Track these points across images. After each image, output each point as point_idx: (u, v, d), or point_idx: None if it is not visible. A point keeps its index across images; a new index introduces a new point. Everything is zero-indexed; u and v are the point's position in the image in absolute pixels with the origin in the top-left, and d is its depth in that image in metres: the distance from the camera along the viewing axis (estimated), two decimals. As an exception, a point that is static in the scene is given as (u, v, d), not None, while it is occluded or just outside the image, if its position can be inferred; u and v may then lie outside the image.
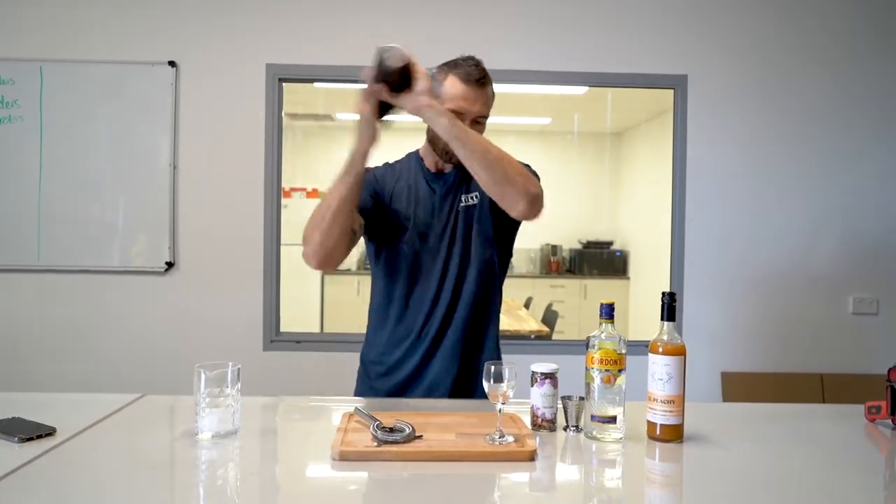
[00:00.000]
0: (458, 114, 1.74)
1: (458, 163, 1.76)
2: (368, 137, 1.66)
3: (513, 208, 1.66)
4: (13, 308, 3.61)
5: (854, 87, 3.72)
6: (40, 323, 3.61)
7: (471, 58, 1.82)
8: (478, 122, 1.79)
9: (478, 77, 1.78)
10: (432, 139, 1.83)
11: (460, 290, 1.84)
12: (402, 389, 1.86)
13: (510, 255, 1.99)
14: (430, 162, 1.91)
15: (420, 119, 1.66)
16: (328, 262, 1.74)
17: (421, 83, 1.61)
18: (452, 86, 1.77)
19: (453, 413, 1.61)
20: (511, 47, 3.67)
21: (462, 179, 1.87)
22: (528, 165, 1.84)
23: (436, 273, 1.84)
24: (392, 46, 1.59)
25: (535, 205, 1.67)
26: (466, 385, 1.85)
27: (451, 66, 1.80)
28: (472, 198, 1.87)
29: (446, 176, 1.89)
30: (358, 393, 1.95)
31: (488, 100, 1.82)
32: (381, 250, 1.90)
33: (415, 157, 1.96)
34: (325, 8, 3.64)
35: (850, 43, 3.72)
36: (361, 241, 1.90)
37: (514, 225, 1.90)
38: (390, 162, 1.97)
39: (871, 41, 3.72)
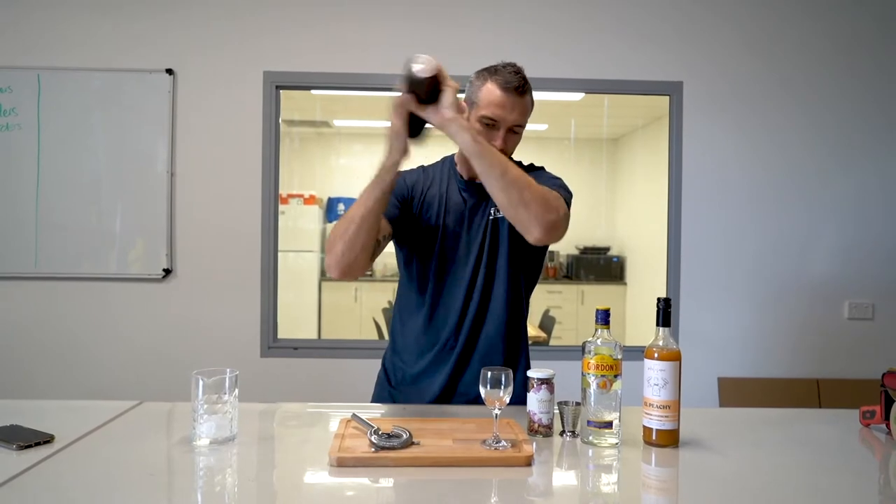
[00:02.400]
0: (494, 120, 1.72)
1: None
2: (398, 151, 1.62)
3: (527, 233, 1.61)
4: (11, 315, 3.61)
5: (849, 94, 3.74)
6: (38, 330, 3.61)
7: (511, 64, 1.78)
8: (513, 132, 1.76)
9: (516, 85, 1.74)
10: None
11: (488, 303, 1.82)
12: (435, 402, 1.84)
13: (540, 269, 1.97)
14: (463, 169, 1.87)
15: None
16: (350, 272, 1.70)
17: (448, 96, 1.57)
18: (490, 92, 1.73)
19: (450, 419, 1.61)
20: (507, 54, 3.65)
21: None
22: (560, 184, 1.83)
23: (463, 284, 1.82)
24: (421, 56, 1.55)
25: (551, 232, 1.62)
26: None
27: (490, 71, 1.77)
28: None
29: (479, 185, 1.81)
30: (376, 399, 1.94)
31: (526, 109, 1.77)
32: (411, 257, 1.88)
33: (450, 162, 1.92)
34: (322, 16, 3.65)
35: (846, 49, 3.74)
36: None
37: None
38: (425, 165, 1.93)
39: (867, 47, 3.74)
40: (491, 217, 1.83)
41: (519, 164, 1.91)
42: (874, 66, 3.74)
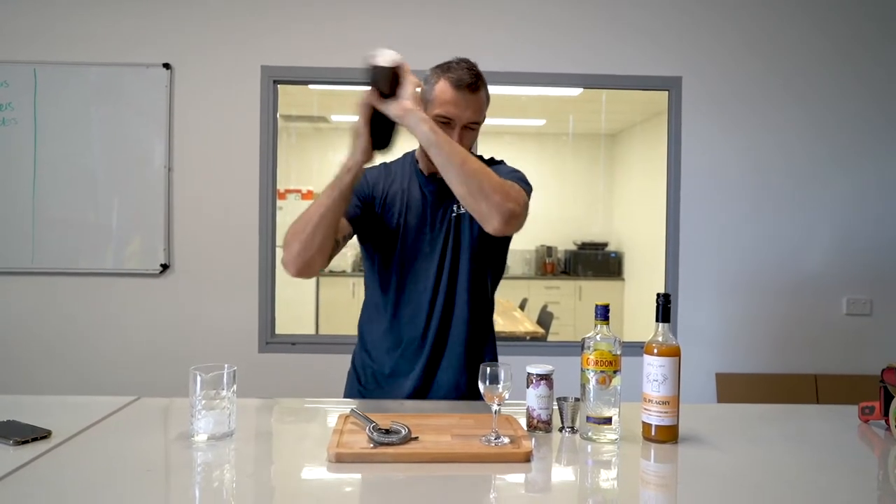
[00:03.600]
0: (448, 119, 1.70)
1: None
2: (360, 151, 1.63)
3: (487, 223, 1.59)
4: (8, 310, 3.60)
5: (848, 89, 3.74)
6: (35, 325, 3.60)
7: (465, 61, 1.75)
8: (469, 129, 1.74)
9: (469, 82, 1.71)
10: None
11: (454, 299, 1.82)
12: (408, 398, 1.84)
13: (503, 265, 1.96)
14: (424, 164, 1.86)
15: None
16: (306, 271, 1.69)
17: (408, 88, 1.58)
18: (443, 91, 1.71)
19: (449, 415, 1.61)
20: (506, 49, 3.67)
21: None
22: (520, 176, 1.80)
23: (428, 281, 1.81)
24: (381, 50, 1.56)
25: (510, 223, 1.58)
26: (474, 395, 1.82)
27: (443, 69, 1.74)
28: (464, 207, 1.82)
29: (441, 181, 1.82)
30: (348, 396, 1.94)
31: (481, 106, 1.75)
32: (374, 255, 1.87)
33: (411, 158, 1.92)
34: (320, 10, 3.64)
35: (844, 45, 3.74)
36: (354, 240, 1.88)
37: (505, 237, 1.86)
38: (387, 162, 1.92)
39: (866, 44, 3.74)
40: (454, 213, 1.82)
41: (479, 157, 1.88)
42: (873, 63, 3.74)
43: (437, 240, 1.82)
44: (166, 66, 3.60)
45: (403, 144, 1.92)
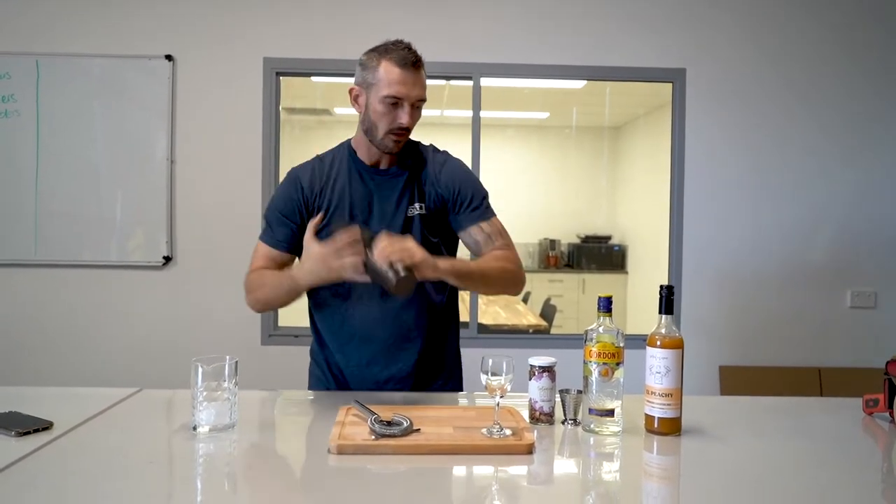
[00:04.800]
0: (398, 98, 1.69)
1: (395, 152, 1.76)
2: (320, 279, 1.62)
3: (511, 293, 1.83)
4: (10, 303, 3.60)
5: (852, 81, 3.72)
6: (37, 317, 3.61)
7: (400, 41, 1.74)
8: (416, 108, 1.73)
9: (413, 60, 1.70)
10: (369, 129, 1.75)
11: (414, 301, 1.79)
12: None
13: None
14: (364, 154, 1.82)
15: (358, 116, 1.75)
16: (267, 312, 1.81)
17: (397, 241, 1.54)
18: (388, 72, 1.69)
19: (451, 406, 1.61)
20: (509, 42, 3.66)
21: (407, 184, 1.81)
22: (486, 197, 1.84)
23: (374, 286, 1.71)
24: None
25: (520, 284, 1.81)
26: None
27: (381, 51, 1.72)
28: (423, 207, 1.80)
29: (392, 181, 1.81)
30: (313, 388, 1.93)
31: (425, 82, 1.74)
32: None
33: (347, 149, 1.86)
34: (323, 2, 3.63)
35: (850, 36, 3.72)
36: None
37: (456, 236, 1.87)
38: (320, 155, 1.88)
39: (870, 35, 3.72)
40: (410, 214, 1.80)
41: (419, 144, 1.88)
42: (878, 55, 3.72)
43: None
44: (169, 58, 3.59)
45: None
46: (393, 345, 1.82)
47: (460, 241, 1.89)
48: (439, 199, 1.82)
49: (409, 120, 1.71)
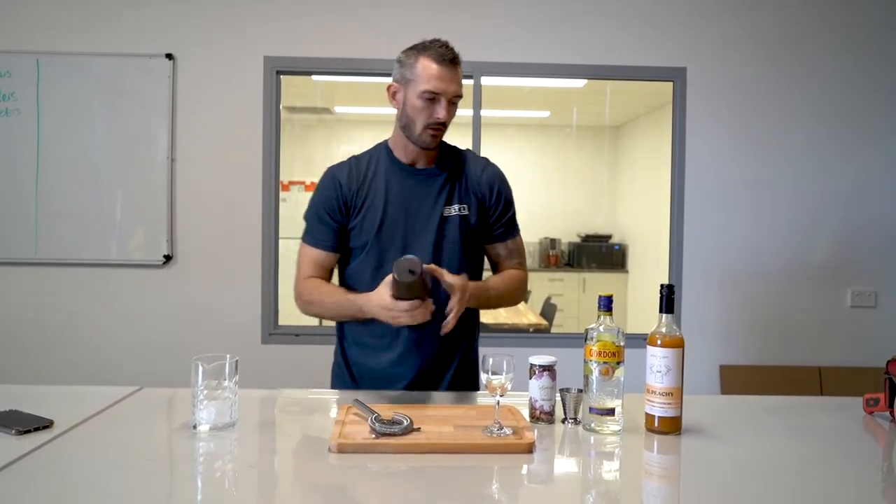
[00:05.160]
0: (435, 94, 1.72)
1: (432, 147, 1.79)
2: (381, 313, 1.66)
3: None
4: (11, 301, 3.60)
5: (853, 79, 3.72)
6: (38, 316, 3.61)
7: (438, 40, 1.77)
8: (452, 104, 1.76)
9: (451, 57, 1.74)
10: (406, 126, 1.78)
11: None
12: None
13: (482, 260, 1.96)
14: (401, 153, 1.85)
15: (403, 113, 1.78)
16: None
17: (447, 279, 1.66)
18: (426, 68, 1.73)
19: (451, 405, 1.61)
20: (509, 40, 3.65)
21: (446, 184, 1.83)
22: (510, 198, 1.92)
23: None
24: (403, 259, 1.57)
25: (524, 297, 2.05)
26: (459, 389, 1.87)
27: (419, 48, 1.76)
28: (462, 208, 1.83)
29: (430, 181, 1.84)
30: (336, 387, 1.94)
31: (461, 80, 1.78)
32: (353, 252, 1.86)
33: (384, 149, 1.89)
34: (323, 0, 3.62)
35: (849, 34, 3.71)
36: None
37: (487, 242, 1.92)
38: (357, 156, 1.90)
39: (871, 33, 3.71)
40: (447, 214, 1.83)
41: (446, 146, 1.90)
42: (879, 52, 3.72)
43: (424, 235, 1.80)
44: (169, 56, 3.59)
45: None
46: (419, 345, 1.83)
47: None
48: (477, 202, 1.86)
49: (446, 115, 1.75)
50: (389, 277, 1.61)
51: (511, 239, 1.93)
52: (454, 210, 1.83)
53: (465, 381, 1.90)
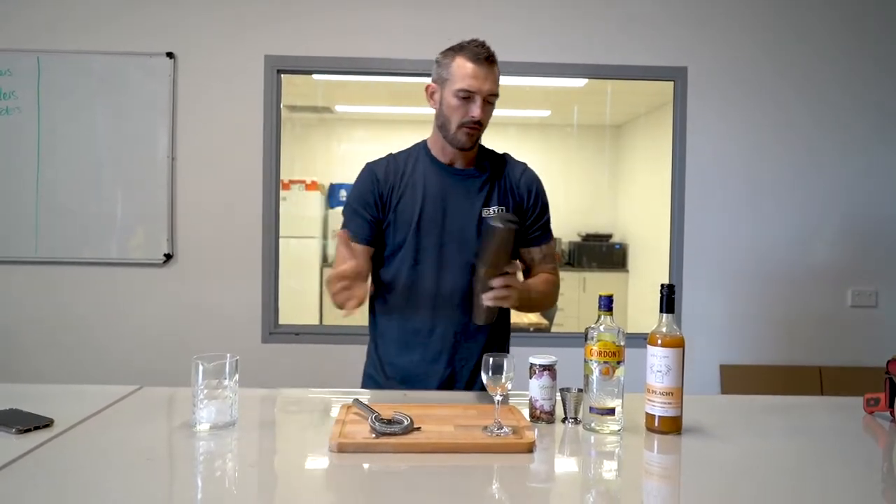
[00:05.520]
0: (470, 92, 1.73)
1: (468, 147, 1.79)
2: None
3: None
4: (11, 300, 3.60)
5: (854, 80, 3.71)
6: (38, 315, 3.61)
7: (475, 40, 1.80)
8: (489, 103, 1.77)
9: (486, 55, 1.76)
10: (443, 125, 1.80)
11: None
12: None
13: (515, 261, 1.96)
14: (439, 152, 1.87)
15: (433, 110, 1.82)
16: None
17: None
18: (461, 66, 1.75)
19: (452, 405, 1.61)
20: (510, 40, 3.65)
21: (485, 185, 1.85)
22: (546, 205, 1.94)
23: (455, 276, 1.81)
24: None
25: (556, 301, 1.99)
26: None
27: (456, 49, 1.79)
28: (500, 211, 1.83)
29: (469, 181, 1.85)
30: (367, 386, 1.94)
31: (497, 79, 1.79)
32: (390, 249, 1.86)
33: (423, 148, 1.90)
34: (324, 0, 3.63)
35: (851, 35, 3.71)
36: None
37: (523, 245, 1.92)
38: (394, 154, 1.92)
39: (873, 32, 3.71)
40: (482, 215, 1.83)
41: (484, 149, 1.92)
42: (880, 52, 3.71)
43: (461, 234, 1.80)
44: (170, 55, 3.59)
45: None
46: (455, 343, 1.84)
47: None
48: (515, 204, 1.88)
49: (481, 113, 1.75)
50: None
51: (546, 243, 1.95)
52: (492, 211, 1.83)
53: None
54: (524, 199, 1.90)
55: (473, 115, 1.75)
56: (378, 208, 1.84)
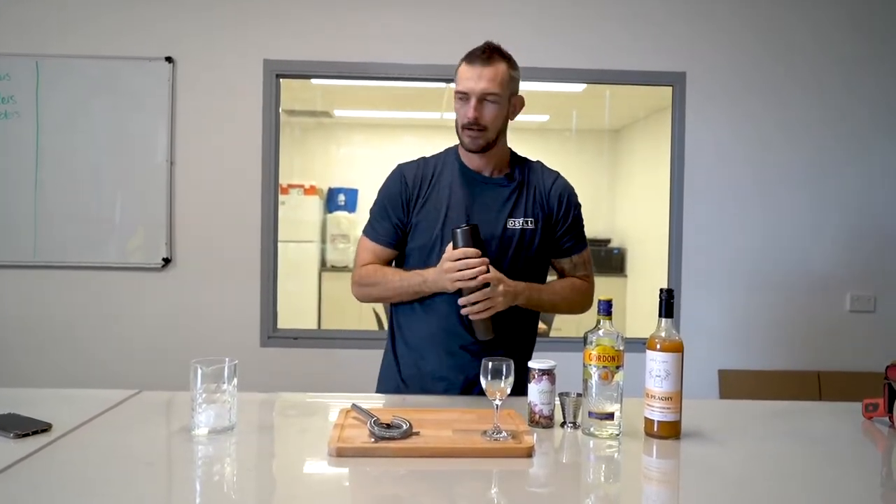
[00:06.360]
0: (463, 93, 1.74)
1: (473, 150, 1.79)
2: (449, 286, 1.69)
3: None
4: (9, 304, 3.59)
5: (852, 85, 3.72)
6: (36, 319, 3.60)
7: (487, 42, 1.81)
8: (487, 101, 1.75)
9: (479, 53, 1.76)
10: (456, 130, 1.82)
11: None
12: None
13: (545, 269, 1.95)
14: (467, 159, 1.86)
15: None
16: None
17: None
18: (460, 70, 1.77)
19: (450, 409, 1.61)
20: (509, 44, 3.62)
21: (512, 195, 1.83)
22: (580, 216, 1.93)
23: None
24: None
25: (588, 308, 1.96)
26: None
27: (465, 55, 1.81)
28: (528, 222, 1.82)
29: (497, 190, 1.83)
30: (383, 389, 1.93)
31: (495, 76, 1.75)
32: (413, 256, 1.86)
33: (453, 154, 1.90)
34: (323, 4, 3.63)
35: (851, 39, 3.71)
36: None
37: (555, 256, 1.91)
38: (426, 157, 1.92)
39: (872, 38, 3.71)
40: (508, 226, 1.82)
41: (517, 157, 1.93)
42: (880, 57, 3.72)
43: (487, 245, 1.76)
44: (168, 59, 3.59)
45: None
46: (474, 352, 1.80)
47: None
48: (546, 215, 1.86)
49: (473, 113, 1.74)
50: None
51: (577, 254, 1.92)
52: (518, 223, 1.82)
53: (516, 391, 1.89)
54: (554, 209, 1.87)
55: (467, 116, 1.75)
56: (404, 210, 1.84)
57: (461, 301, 1.68)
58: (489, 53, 1.76)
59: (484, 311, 1.68)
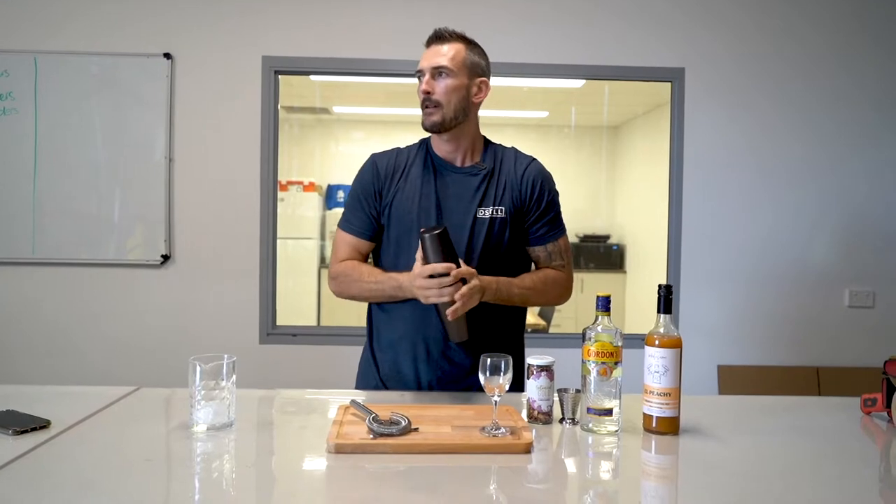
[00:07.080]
0: (419, 70, 1.79)
1: (429, 129, 1.79)
2: (431, 296, 1.63)
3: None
4: (8, 301, 3.59)
5: (851, 81, 3.71)
6: (35, 316, 3.60)
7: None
8: (439, 75, 1.77)
9: (435, 34, 1.81)
10: None
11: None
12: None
13: (526, 262, 1.92)
14: (438, 147, 1.85)
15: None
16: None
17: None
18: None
19: (449, 406, 1.61)
20: (507, 41, 3.65)
21: (482, 184, 1.81)
22: (559, 211, 1.91)
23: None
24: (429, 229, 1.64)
25: (567, 299, 1.99)
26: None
27: None
28: (498, 210, 1.79)
29: (467, 179, 1.81)
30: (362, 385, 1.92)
31: (449, 52, 1.79)
32: (386, 247, 1.86)
33: (426, 144, 1.89)
34: (322, 1, 3.62)
35: (851, 36, 3.71)
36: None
37: (528, 244, 1.88)
38: (400, 148, 1.91)
39: (872, 35, 3.71)
40: (478, 216, 1.79)
41: (491, 144, 1.91)
42: (880, 53, 3.71)
43: (455, 235, 1.72)
44: (167, 56, 3.58)
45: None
46: (446, 346, 1.80)
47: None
48: (517, 203, 1.82)
49: (425, 86, 1.77)
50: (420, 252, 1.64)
51: (552, 241, 1.88)
52: (487, 212, 1.79)
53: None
54: (526, 196, 1.82)
55: (420, 91, 1.78)
56: (378, 199, 1.84)
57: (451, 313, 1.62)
58: (442, 34, 1.81)
59: (456, 308, 1.61)
